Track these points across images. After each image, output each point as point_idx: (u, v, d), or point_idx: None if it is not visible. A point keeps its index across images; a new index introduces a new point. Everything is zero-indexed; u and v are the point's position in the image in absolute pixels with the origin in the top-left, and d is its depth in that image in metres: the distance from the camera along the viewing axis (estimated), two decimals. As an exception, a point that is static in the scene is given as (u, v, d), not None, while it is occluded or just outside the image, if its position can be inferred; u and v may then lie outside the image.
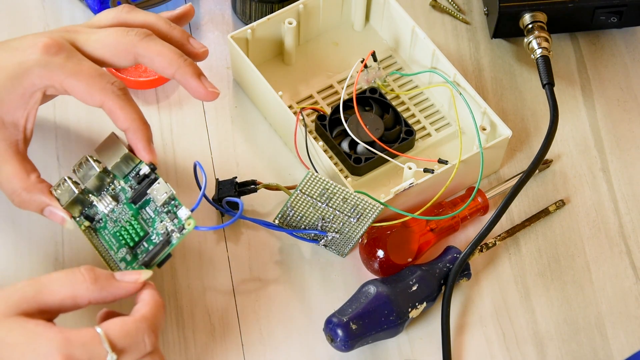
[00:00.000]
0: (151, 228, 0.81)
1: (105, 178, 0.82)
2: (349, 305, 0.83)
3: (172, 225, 0.79)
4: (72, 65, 0.80)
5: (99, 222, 0.82)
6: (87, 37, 0.82)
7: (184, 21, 0.89)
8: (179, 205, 0.79)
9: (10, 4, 1.01)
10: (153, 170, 0.81)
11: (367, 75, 0.94)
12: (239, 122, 0.95)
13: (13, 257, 0.87)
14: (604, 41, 1.02)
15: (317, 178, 0.83)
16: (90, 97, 0.80)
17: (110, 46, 0.82)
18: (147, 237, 0.80)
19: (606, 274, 0.89)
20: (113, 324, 0.73)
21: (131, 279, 0.76)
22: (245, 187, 0.89)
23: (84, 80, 0.79)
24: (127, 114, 0.80)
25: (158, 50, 0.82)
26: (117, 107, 0.80)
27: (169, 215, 0.80)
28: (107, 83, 0.80)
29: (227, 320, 0.86)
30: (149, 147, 0.81)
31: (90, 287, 0.74)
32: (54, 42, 0.80)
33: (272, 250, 0.89)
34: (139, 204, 0.81)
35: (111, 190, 0.82)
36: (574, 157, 0.95)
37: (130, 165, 0.82)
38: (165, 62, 0.82)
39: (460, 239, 0.90)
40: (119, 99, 0.80)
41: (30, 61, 0.79)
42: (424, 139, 0.94)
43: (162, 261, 0.80)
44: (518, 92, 0.98)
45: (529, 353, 0.85)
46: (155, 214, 0.81)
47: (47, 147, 0.93)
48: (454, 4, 1.03)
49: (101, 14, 0.85)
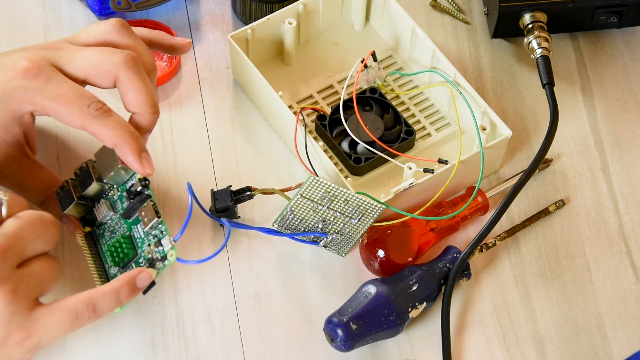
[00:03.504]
0: (139, 250, 0.80)
1: (104, 185, 0.82)
2: (349, 305, 0.83)
3: (157, 252, 0.79)
4: (50, 89, 0.79)
5: (98, 227, 0.82)
6: (71, 55, 0.81)
7: (178, 51, 0.89)
8: (165, 233, 0.78)
9: (10, 4, 1.01)
10: (145, 187, 0.80)
11: (367, 75, 0.94)
12: (239, 122, 0.95)
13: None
14: (604, 41, 1.02)
15: (318, 182, 0.82)
16: (71, 121, 0.79)
17: (94, 66, 0.81)
18: (135, 258, 0.80)
19: (606, 274, 0.89)
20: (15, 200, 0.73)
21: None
22: (241, 195, 0.88)
23: (62, 104, 0.79)
24: (110, 131, 0.79)
25: (137, 86, 0.81)
26: (99, 128, 0.79)
27: (154, 240, 0.79)
28: (85, 105, 0.79)
29: (227, 320, 0.86)
30: (139, 160, 0.79)
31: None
32: (34, 65, 0.79)
33: (272, 250, 0.89)
34: (133, 219, 0.81)
35: (111, 197, 0.82)
36: (574, 157, 0.95)
37: (129, 173, 0.81)
38: (138, 100, 0.81)
39: (460, 239, 0.90)
40: (99, 120, 0.79)
41: (11, 87, 0.79)
42: (424, 139, 0.94)
43: (147, 289, 0.78)
44: (518, 92, 0.98)
45: (529, 353, 0.85)
46: (144, 234, 0.80)
47: (47, 147, 0.93)
48: (454, 4, 1.03)
49: (90, 28, 0.84)
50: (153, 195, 0.80)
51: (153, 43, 0.87)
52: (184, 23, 1.01)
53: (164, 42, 0.88)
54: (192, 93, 0.97)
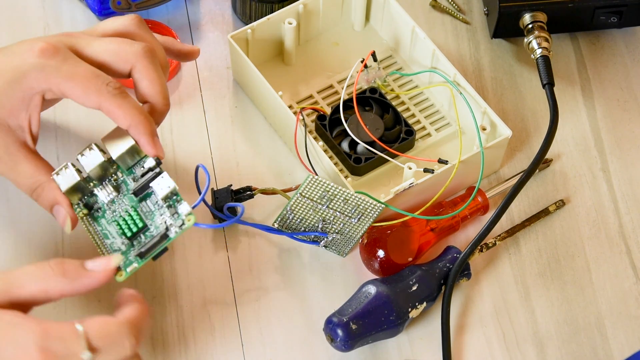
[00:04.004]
0: (150, 221, 0.80)
1: (109, 168, 0.82)
2: (349, 305, 0.83)
3: (172, 220, 0.79)
4: (67, 67, 0.79)
5: (97, 210, 0.82)
6: (89, 41, 0.82)
7: (187, 58, 0.89)
8: (181, 201, 0.79)
9: (10, 4, 1.01)
10: (158, 164, 0.80)
11: (367, 75, 0.94)
12: (239, 122, 0.95)
13: (13, 257, 0.87)
14: (604, 41, 1.02)
15: (317, 181, 0.83)
16: (87, 99, 0.79)
17: (113, 53, 0.81)
18: (145, 229, 0.80)
19: (606, 274, 0.89)
20: (94, 322, 0.72)
21: (100, 266, 0.76)
22: (242, 194, 0.89)
23: (79, 82, 0.79)
24: (125, 110, 0.79)
25: (152, 76, 0.81)
26: (115, 107, 0.79)
27: (169, 209, 0.79)
28: (103, 84, 0.79)
29: (227, 320, 0.86)
30: (152, 141, 0.80)
31: (60, 279, 0.74)
32: (51, 45, 0.79)
33: (272, 250, 0.89)
34: (140, 196, 0.81)
35: (113, 181, 0.82)
36: (574, 157, 0.95)
37: (136, 158, 0.81)
38: (152, 90, 0.82)
39: (460, 239, 0.90)
40: (116, 98, 0.79)
41: (27, 65, 0.79)
42: (424, 139, 0.94)
43: (158, 254, 0.79)
44: (518, 92, 0.98)
45: (529, 353, 0.85)
46: (155, 207, 0.80)
47: (47, 147, 0.93)
48: (454, 4, 1.03)
49: (108, 21, 0.84)
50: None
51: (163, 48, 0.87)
52: (184, 23, 1.01)
53: (173, 47, 0.88)
54: (192, 93, 0.97)
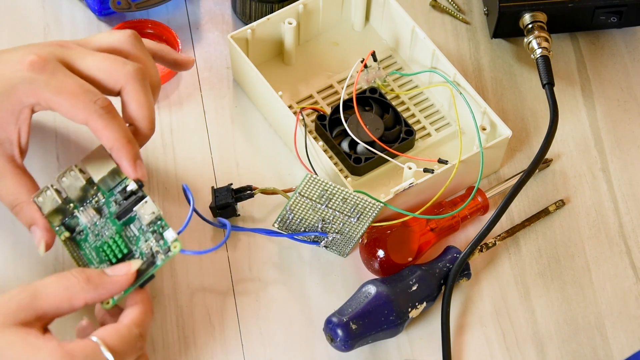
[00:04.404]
0: (135, 247, 0.80)
1: (89, 190, 0.81)
2: (349, 305, 0.83)
3: (157, 246, 0.78)
4: (56, 82, 0.79)
5: (79, 233, 0.81)
6: (81, 55, 0.81)
7: (181, 67, 0.89)
8: (166, 227, 0.78)
9: (10, 4, 1.01)
10: (140, 187, 0.80)
11: (367, 75, 0.94)
12: (239, 122, 0.95)
13: (13, 257, 0.87)
14: (604, 41, 1.02)
15: (315, 180, 0.83)
16: (75, 115, 0.79)
17: (104, 71, 0.81)
18: (129, 255, 0.80)
19: (606, 274, 0.89)
20: (108, 332, 0.73)
21: (122, 271, 0.77)
22: (242, 193, 0.89)
23: (67, 98, 0.79)
24: (110, 132, 0.79)
25: (140, 100, 0.81)
26: (101, 127, 0.79)
27: (154, 235, 0.79)
28: (91, 101, 0.79)
29: (227, 320, 0.86)
30: (133, 166, 0.80)
31: (84, 287, 0.74)
32: (41, 59, 0.79)
33: (272, 250, 0.89)
34: (124, 221, 0.80)
35: (94, 203, 0.81)
36: (574, 157, 0.95)
37: (117, 180, 0.81)
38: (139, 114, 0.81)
39: (460, 239, 0.90)
40: (102, 119, 0.79)
41: (17, 78, 0.79)
42: (424, 139, 0.94)
43: (145, 281, 0.78)
44: (518, 92, 0.98)
45: (529, 353, 0.85)
46: (140, 232, 0.80)
47: (47, 147, 0.93)
48: (454, 4, 1.03)
49: (103, 35, 0.84)
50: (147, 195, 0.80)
51: (157, 56, 0.88)
52: (184, 23, 1.01)
53: (168, 56, 0.89)
54: (192, 93, 0.97)
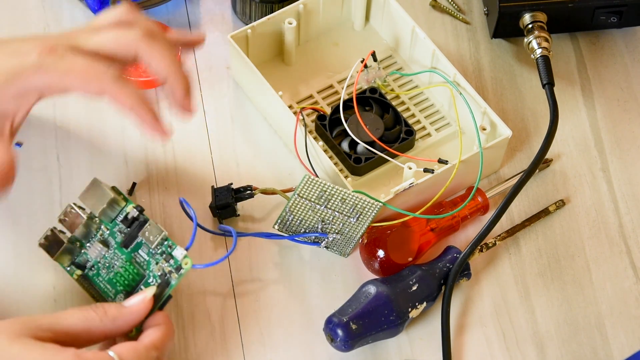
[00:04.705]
0: (147, 271, 0.80)
1: (92, 224, 0.81)
2: (349, 305, 0.83)
3: (169, 266, 0.79)
4: (65, 62, 0.79)
5: (91, 269, 0.82)
6: (87, 37, 0.82)
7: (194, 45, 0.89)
8: (173, 246, 0.79)
9: (10, 4, 1.01)
10: (141, 212, 0.80)
11: (367, 75, 0.94)
12: (239, 122, 0.95)
13: (13, 257, 0.87)
14: (604, 41, 1.02)
15: (314, 181, 0.83)
16: (90, 87, 0.79)
17: (113, 41, 0.80)
18: (143, 280, 0.80)
19: (606, 274, 0.89)
20: (125, 348, 0.74)
21: (138, 300, 0.78)
22: (242, 193, 0.89)
23: (79, 73, 0.78)
24: (127, 95, 0.79)
25: (160, 50, 0.81)
26: (117, 91, 0.78)
27: (164, 256, 0.79)
28: (101, 72, 0.78)
29: (227, 320, 0.86)
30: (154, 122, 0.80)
31: (103, 319, 0.76)
32: (49, 45, 0.79)
33: (272, 250, 0.89)
34: (131, 248, 0.81)
35: (99, 236, 0.81)
36: (574, 157, 0.95)
37: (117, 209, 0.81)
38: (163, 63, 0.81)
39: (460, 239, 0.90)
40: (117, 84, 0.78)
41: (26, 64, 0.79)
42: (424, 139, 0.94)
43: (164, 303, 0.79)
44: (518, 92, 0.98)
45: (529, 353, 0.85)
46: (149, 256, 0.80)
47: (47, 147, 0.93)
48: (454, 4, 1.03)
49: (102, 15, 0.84)
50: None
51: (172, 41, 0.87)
52: (184, 23, 1.01)
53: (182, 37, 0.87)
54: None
